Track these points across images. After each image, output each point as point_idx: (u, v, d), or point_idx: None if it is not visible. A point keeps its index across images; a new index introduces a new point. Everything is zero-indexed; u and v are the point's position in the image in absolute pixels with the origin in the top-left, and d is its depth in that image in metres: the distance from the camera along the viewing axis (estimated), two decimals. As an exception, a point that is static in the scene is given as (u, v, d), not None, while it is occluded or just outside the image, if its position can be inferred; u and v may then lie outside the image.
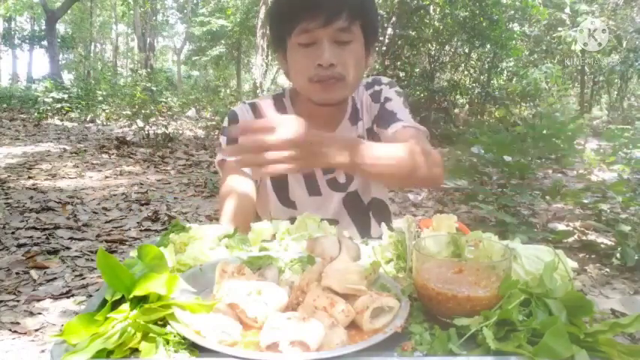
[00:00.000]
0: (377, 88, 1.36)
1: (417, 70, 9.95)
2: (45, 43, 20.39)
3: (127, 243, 3.42)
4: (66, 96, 12.14)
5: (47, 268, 2.90)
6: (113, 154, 7.38)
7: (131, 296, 0.64)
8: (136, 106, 8.78)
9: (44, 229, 3.60)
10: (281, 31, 1.18)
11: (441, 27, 9.61)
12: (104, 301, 0.67)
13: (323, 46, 1.12)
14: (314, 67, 1.13)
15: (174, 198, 4.90)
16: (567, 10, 10.97)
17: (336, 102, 1.23)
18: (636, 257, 3.05)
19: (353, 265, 0.70)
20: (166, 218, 4.08)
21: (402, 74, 9.65)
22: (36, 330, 2.21)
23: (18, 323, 2.25)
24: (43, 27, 20.57)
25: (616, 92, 14.89)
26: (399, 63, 9.67)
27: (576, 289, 0.69)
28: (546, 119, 3.97)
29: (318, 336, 0.59)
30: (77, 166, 6.31)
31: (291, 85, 1.31)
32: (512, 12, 9.91)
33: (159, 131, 8.60)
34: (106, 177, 5.81)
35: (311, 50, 1.13)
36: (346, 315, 0.65)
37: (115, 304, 0.65)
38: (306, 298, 0.68)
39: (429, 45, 9.95)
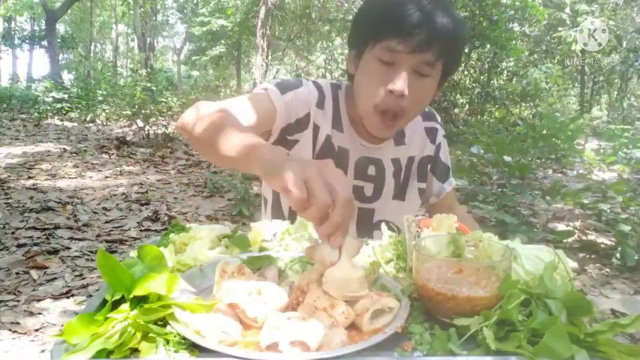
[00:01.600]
0: (434, 125, 1.38)
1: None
2: (45, 43, 20.39)
3: (127, 243, 3.42)
4: (66, 96, 12.14)
5: (47, 268, 2.90)
6: (113, 154, 7.38)
7: (131, 296, 0.64)
8: (136, 106, 8.78)
9: (44, 229, 3.60)
10: (366, 36, 1.10)
11: (441, 27, 9.59)
12: (104, 301, 0.67)
13: (401, 73, 1.05)
14: (385, 91, 1.07)
15: (174, 198, 4.90)
16: (567, 10, 10.97)
17: (387, 137, 1.23)
18: (636, 257, 3.05)
19: (353, 273, 0.70)
20: (166, 218, 4.08)
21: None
22: (36, 330, 2.21)
23: (18, 323, 2.25)
24: (43, 27, 20.57)
25: (616, 92, 14.90)
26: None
27: (576, 289, 0.69)
28: (546, 119, 3.97)
29: (318, 336, 0.59)
30: (77, 166, 6.31)
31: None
32: (512, 12, 9.90)
33: (159, 131, 8.60)
34: (106, 177, 5.81)
35: (387, 71, 1.06)
36: (346, 317, 0.65)
37: (115, 304, 0.65)
38: (306, 299, 0.68)
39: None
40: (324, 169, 0.67)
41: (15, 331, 2.18)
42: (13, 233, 3.50)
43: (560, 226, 3.87)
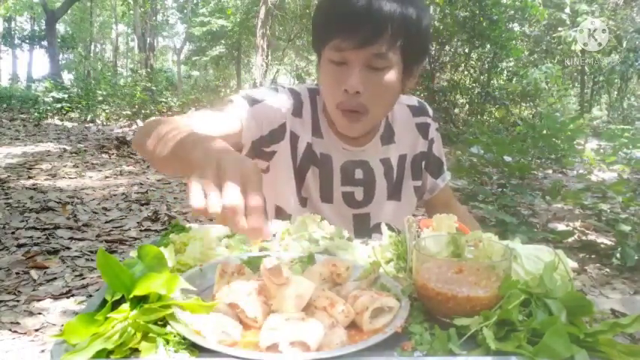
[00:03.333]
0: (426, 120, 1.33)
1: (417, 70, 9.94)
2: (45, 43, 20.39)
3: (127, 243, 3.42)
4: (66, 96, 12.14)
5: (47, 268, 2.90)
6: (113, 154, 7.38)
7: (131, 296, 0.64)
8: (136, 106, 8.80)
9: (44, 229, 3.60)
10: (318, 41, 1.11)
11: (441, 27, 9.61)
12: (104, 301, 0.67)
13: (352, 70, 1.03)
14: (340, 91, 1.06)
15: (174, 198, 4.90)
16: (567, 10, 10.97)
17: (357, 135, 1.18)
18: (636, 257, 3.05)
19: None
20: (166, 218, 4.08)
21: (402, 74, 9.64)
22: (36, 330, 2.21)
23: (18, 323, 2.25)
24: (43, 27, 20.57)
25: (616, 92, 14.89)
26: (399, 63, 9.66)
27: (576, 289, 0.69)
28: (546, 119, 3.97)
29: (317, 336, 0.59)
30: (77, 166, 6.31)
31: None
32: (512, 12, 9.90)
33: (159, 131, 8.59)
34: (106, 177, 5.81)
35: (341, 71, 1.05)
36: (346, 315, 0.65)
37: (115, 304, 0.65)
38: None
39: (429, 45, 9.93)
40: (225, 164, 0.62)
41: (15, 331, 2.18)
42: (13, 233, 3.50)
43: (560, 226, 3.87)
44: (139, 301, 0.64)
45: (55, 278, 2.77)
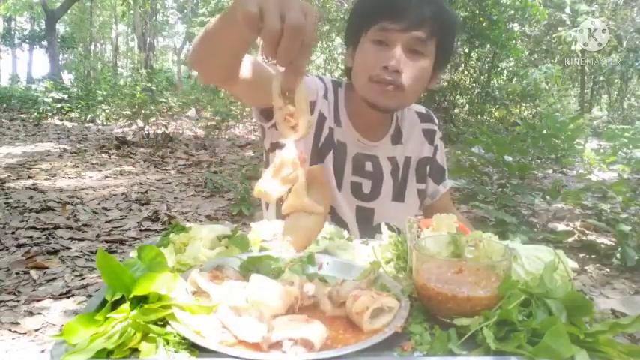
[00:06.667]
0: (432, 127, 1.40)
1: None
2: (45, 43, 20.37)
3: (127, 243, 3.42)
4: (66, 96, 12.13)
5: (47, 268, 2.90)
6: (113, 154, 7.37)
7: (131, 296, 0.64)
8: (136, 106, 8.77)
9: (44, 229, 3.60)
10: (360, 25, 1.18)
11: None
12: (104, 301, 0.67)
13: (395, 50, 1.12)
14: (379, 67, 1.13)
15: (174, 198, 4.90)
16: (567, 10, 10.97)
17: (387, 109, 1.22)
18: (636, 257, 3.05)
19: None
20: (166, 218, 4.08)
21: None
22: (36, 330, 2.21)
23: (18, 323, 2.25)
24: (43, 27, 20.56)
25: (616, 92, 14.89)
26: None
27: (576, 289, 0.69)
28: (546, 119, 3.97)
29: (321, 336, 0.59)
30: (77, 166, 6.31)
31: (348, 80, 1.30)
32: (512, 12, 9.90)
33: (159, 131, 8.60)
34: (106, 177, 5.81)
35: (382, 50, 1.13)
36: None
37: (115, 304, 0.65)
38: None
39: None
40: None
41: (15, 331, 2.18)
42: (13, 233, 3.50)
43: (560, 226, 3.87)
44: (139, 301, 0.64)
45: (55, 278, 2.77)
